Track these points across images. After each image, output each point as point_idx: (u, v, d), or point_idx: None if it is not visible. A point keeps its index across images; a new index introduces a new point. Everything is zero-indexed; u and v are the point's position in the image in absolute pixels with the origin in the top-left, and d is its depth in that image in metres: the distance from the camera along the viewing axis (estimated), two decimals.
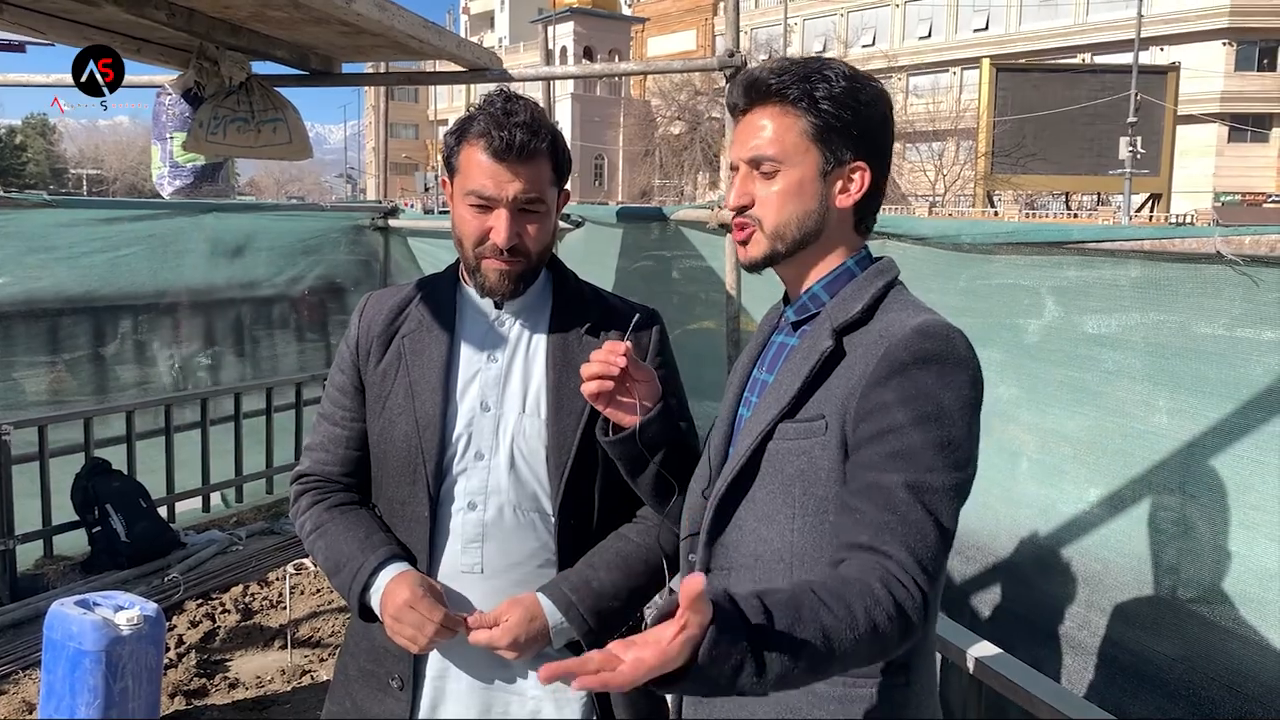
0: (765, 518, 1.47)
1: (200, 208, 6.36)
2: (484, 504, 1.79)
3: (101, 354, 6.09)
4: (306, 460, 1.96)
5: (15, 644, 4.44)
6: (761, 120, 1.50)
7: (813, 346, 1.47)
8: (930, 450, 1.34)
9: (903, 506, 1.32)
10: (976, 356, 1.42)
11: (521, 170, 1.72)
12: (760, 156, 1.50)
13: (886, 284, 1.50)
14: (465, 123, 1.76)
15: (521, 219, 1.74)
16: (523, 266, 1.78)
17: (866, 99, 1.49)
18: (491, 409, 1.81)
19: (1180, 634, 2.38)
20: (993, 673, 2.51)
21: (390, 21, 3.57)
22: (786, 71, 1.49)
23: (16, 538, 5.04)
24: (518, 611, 1.71)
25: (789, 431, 1.45)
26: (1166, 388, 2.47)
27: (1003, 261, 2.92)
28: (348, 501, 1.90)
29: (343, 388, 1.91)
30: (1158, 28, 39.68)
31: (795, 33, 50.50)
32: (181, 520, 6.07)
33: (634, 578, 1.80)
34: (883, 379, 1.37)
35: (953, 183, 39.67)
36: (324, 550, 1.84)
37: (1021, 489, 2.93)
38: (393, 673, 1.82)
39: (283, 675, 4.38)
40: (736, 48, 3.72)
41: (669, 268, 5.01)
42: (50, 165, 60.46)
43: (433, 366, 1.82)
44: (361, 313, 1.93)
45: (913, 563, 1.29)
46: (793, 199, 1.49)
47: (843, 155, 1.48)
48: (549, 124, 1.77)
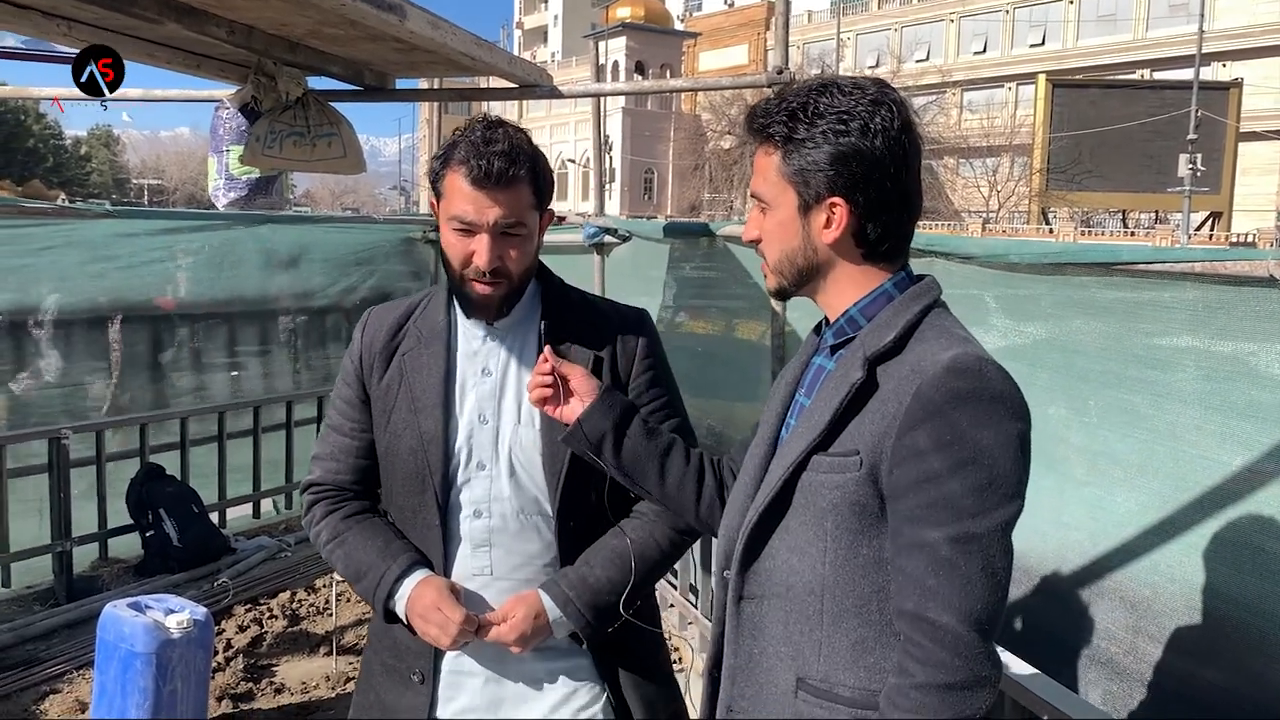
0: (797, 549, 1.47)
1: (256, 219, 6.50)
2: (489, 511, 1.88)
3: (158, 361, 6.22)
4: (317, 470, 2.03)
5: (70, 644, 4.54)
6: (758, 157, 1.53)
7: (845, 376, 1.45)
8: (971, 496, 1.32)
9: (947, 565, 1.32)
10: (1015, 386, 1.38)
11: (501, 196, 1.77)
12: (754, 193, 1.54)
13: (924, 308, 1.47)
14: (449, 149, 1.81)
15: (503, 243, 1.80)
16: (505, 289, 1.84)
17: (858, 130, 1.43)
18: (489, 421, 1.89)
19: (1234, 664, 2.33)
20: (1034, 696, 2.47)
21: (443, 39, 3.63)
22: (778, 109, 1.49)
23: (74, 540, 5.17)
24: (521, 609, 1.83)
25: (822, 465, 1.45)
26: (1219, 412, 2.43)
27: (1052, 281, 2.89)
28: (361, 510, 1.99)
29: (350, 400, 1.99)
30: (1220, 43, 38.93)
31: (848, 47, 50.31)
32: (232, 526, 6.18)
33: (630, 573, 1.88)
34: (918, 422, 1.35)
35: (1007, 199, 39.25)
36: (343, 559, 1.94)
37: (1070, 511, 2.89)
38: (413, 667, 1.92)
39: (327, 681, 4.43)
40: (786, 64, 3.72)
41: (715, 283, 5.01)
42: (113, 175, 61.99)
43: (432, 383, 1.90)
44: (364, 328, 2.01)
45: (961, 626, 1.30)
46: (779, 237, 1.52)
47: (818, 193, 1.46)
48: (529, 150, 1.82)
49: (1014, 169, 39.19)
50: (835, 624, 1.44)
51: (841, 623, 1.43)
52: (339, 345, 7.28)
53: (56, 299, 5.54)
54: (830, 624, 1.44)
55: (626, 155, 50.71)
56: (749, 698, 1.54)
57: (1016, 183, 38.72)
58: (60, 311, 5.61)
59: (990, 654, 1.32)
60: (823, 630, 1.45)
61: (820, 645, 1.45)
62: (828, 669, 1.44)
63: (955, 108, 45.05)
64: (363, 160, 4.49)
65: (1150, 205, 35.68)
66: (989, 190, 39.69)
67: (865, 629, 1.42)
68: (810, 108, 1.45)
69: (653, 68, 52.99)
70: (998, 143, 39.86)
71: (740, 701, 1.55)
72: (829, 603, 1.44)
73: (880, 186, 1.45)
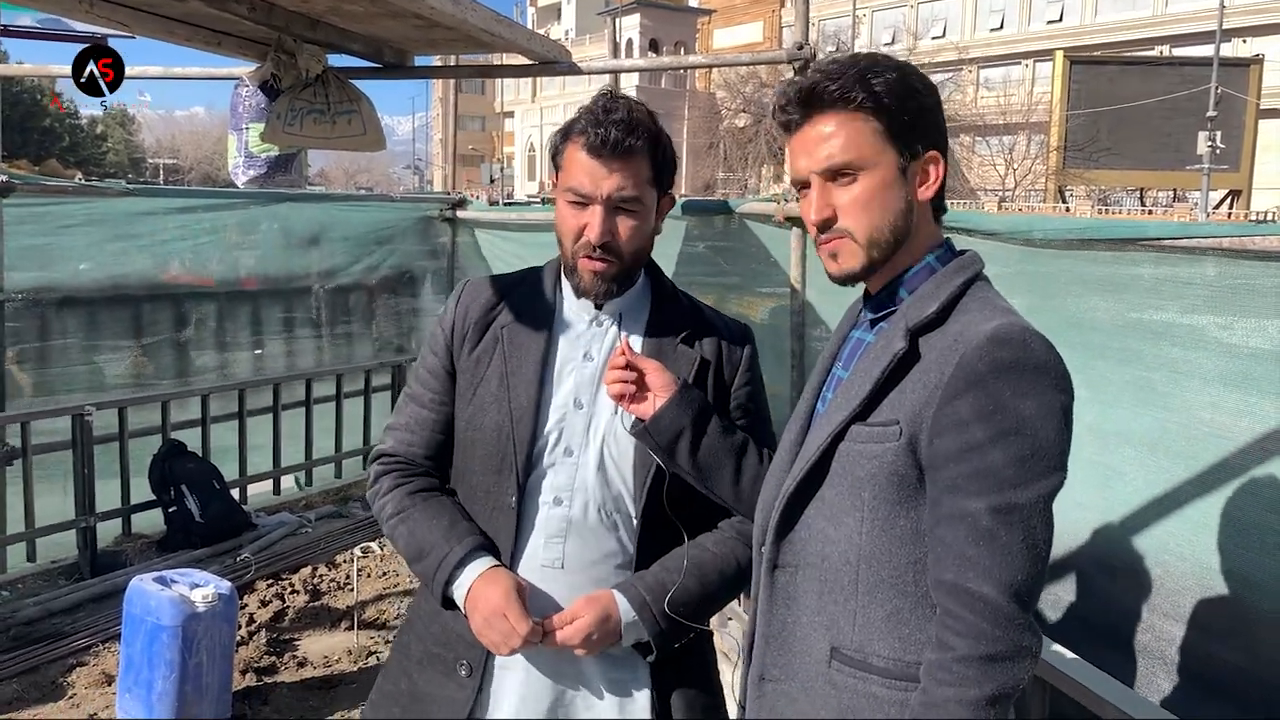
0: (833, 518, 1.47)
1: (274, 197, 6.52)
2: (570, 500, 1.79)
3: (180, 339, 6.27)
4: (389, 439, 1.96)
5: (96, 617, 4.60)
6: (826, 128, 1.47)
7: (886, 347, 1.45)
8: (1013, 467, 1.32)
9: (988, 535, 1.32)
10: (1058, 357, 1.38)
11: (617, 167, 1.73)
12: (835, 165, 1.47)
13: (966, 280, 1.47)
14: (571, 122, 1.79)
15: (616, 217, 1.76)
16: (616, 268, 1.78)
17: (922, 88, 1.48)
18: (584, 407, 1.82)
19: (1250, 641, 2.34)
20: (1059, 674, 2.49)
21: (464, 15, 3.63)
22: (841, 75, 1.46)
23: (98, 515, 5.23)
24: (594, 610, 1.73)
25: (860, 435, 1.44)
26: (1238, 389, 2.43)
27: (1072, 257, 2.88)
28: (430, 487, 1.91)
29: (434, 370, 1.92)
30: (1241, 19, 38.45)
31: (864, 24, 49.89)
32: (253, 502, 6.24)
33: (708, 585, 1.80)
34: (960, 392, 1.35)
35: (1023, 177, 38.92)
36: (406, 536, 1.85)
37: (1083, 490, 2.89)
38: (462, 658, 1.82)
39: (349, 656, 4.48)
40: (806, 40, 3.71)
41: (733, 260, 5.01)
42: (129, 154, 62.08)
43: (530, 359, 1.83)
44: (459, 298, 1.94)
45: (1001, 597, 1.31)
46: (879, 203, 1.46)
47: (917, 148, 1.47)
48: (651, 125, 1.77)
49: (1031, 147, 38.83)
50: (870, 594, 1.44)
51: (877, 593, 1.44)
52: (358, 323, 7.31)
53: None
54: (865, 594, 1.44)
55: None
56: (781, 666, 1.54)
57: (1033, 161, 38.38)
58: (82, 289, 5.66)
59: (1030, 624, 1.33)
60: (857, 600, 1.45)
61: (855, 615, 1.45)
62: (862, 639, 1.45)
63: (972, 85, 44.59)
64: (383, 138, 4.50)
65: (1168, 183, 35.29)
66: (1005, 168, 39.36)
67: (900, 600, 1.43)
68: (877, 68, 1.45)
69: (667, 45, 52.63)
70: (1014, 120, 39.46)
71: (773, 670, 1.55)
72: (865, 573, 1.44)
73: (947, 144, 1.51)
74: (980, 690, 1.30)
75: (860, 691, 1.44)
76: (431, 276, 7.52)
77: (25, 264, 5.36)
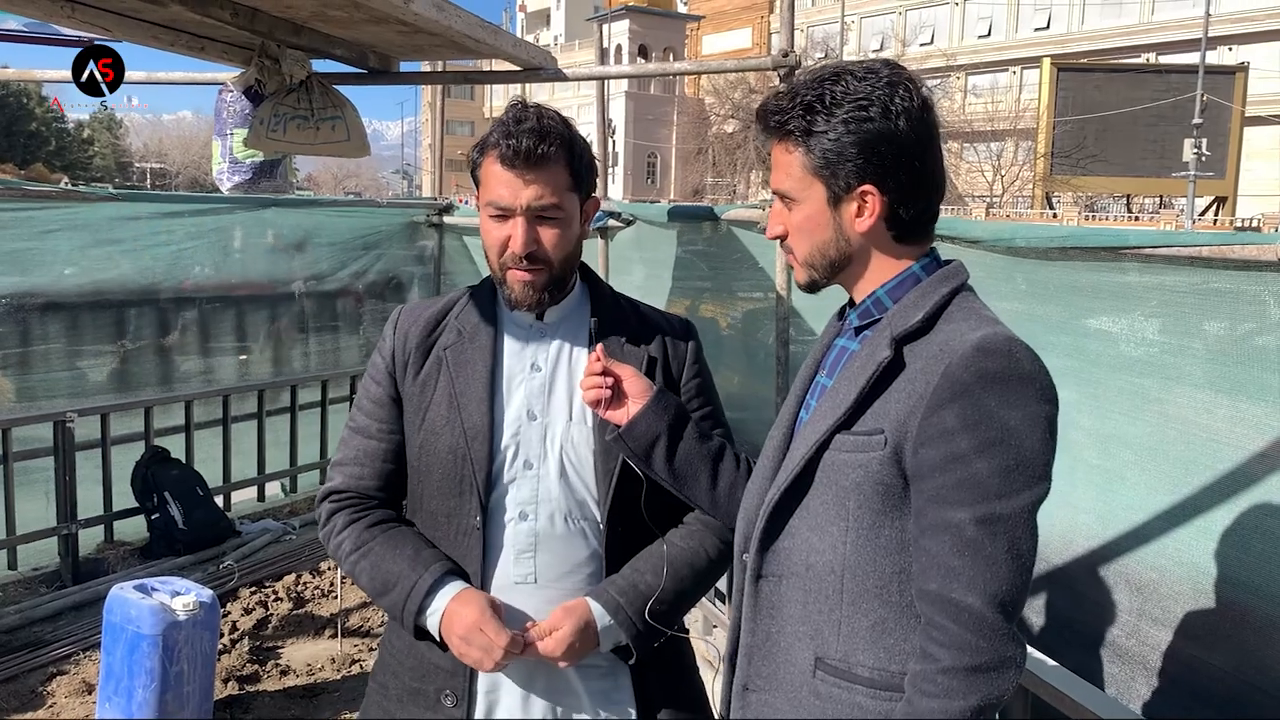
0: (818, 528, 1.47)
1: (260, 202, 6.47)
2: (535, 513, 1.77)
3: (163, 345, 6.23)
4: (337, 476, 1.90)
5: (76, 625, 4.56)
6: (777, 154, 1.51)
7: (871, 355, 1.44)
8: (998, 477, 1.32)
9: (973, 545, 1.32)
10: (1043, 368, 1.38)
11: (532, 177, 1.71)
12: (778, 191, 1.52)
13: (951, 290, 1.46)
14: (485, 136, 1.77)
15: (539, 226, 1.74)
16: (545, 276, 1.77)
17: (877, 117, 1.41)
18: (538, 418, 1.80)
19: (1237, 646, 2.34)
20: (1040, 681, 2.48)
21: (448, 21, 3.61)
22: (792, 103, 1.46)
23: (79, 522, 5.19)
24: (572, 620, 1.71)
25: (845, 444, 1.44)
26: (1228, 395, 2.43)
27: (1061, 265, 2.88)
28: (387, 519, 1.87)
29: (378, 399, 1.89)
30: (1226, 27, 38.74)
31: (852, 30, 50.09)
32: (237, 509, 6.20)
33: (680, 582, 1.79)
34: (945, 401, 1.35)
35: (1011, 184, 39.14)
36: (369, 570, 1.80)
37: (1079, 494, 2.89)
38: (444, 688, 1.79)
39: (333, 664, 4.45)
40: (791, 47, 3.70)
41: (719, 267, 5.00)
42: (116, 159, 61.85)
43: (477, 377, 1.81)
44: (396, 325, 1.92)
45: (985, 608, 1.30)
46: (809, 231, 1.50)
47: (848, 183, 1.45)
48: (564, 131, 1.76)
49: (1018, 153, 39.07)
50: (855, 604, 1.44)
51: (861, 603, 1.43)
52: (342, 329, 7.28)
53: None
54: (850, 604, 1.44)
55: (629, 139, 50.50)
56: (766, 676, 1.53)
57: (1020, 167, 38.61)
58: (64, 294, 5.62)
59: (1014, 635, 1.32)
60: (842, 610, 1.44)
61: (839, 625, 1.45)
62: (847, 649, 1.44)
63: (959, 91, 44.87)
64: (366, 143, 4.48)
65: (1155, 190, 35.57)
66: (993, 174, 39.57)
67: (885, 610, 1.42)
68: (827, 98, 1.43)
69: (656, 51, 52.80)
70: (1002, 127, 39.73)
71: (757, 680, 1.55)
72: (849, 582, 1.44)
73: (909, 168, 1.44)
74: (965, 701, 1.30)
75: (845, 702, 1.44)
76: (418, 281, 7.49)
77: (7, 269, 5.32)
